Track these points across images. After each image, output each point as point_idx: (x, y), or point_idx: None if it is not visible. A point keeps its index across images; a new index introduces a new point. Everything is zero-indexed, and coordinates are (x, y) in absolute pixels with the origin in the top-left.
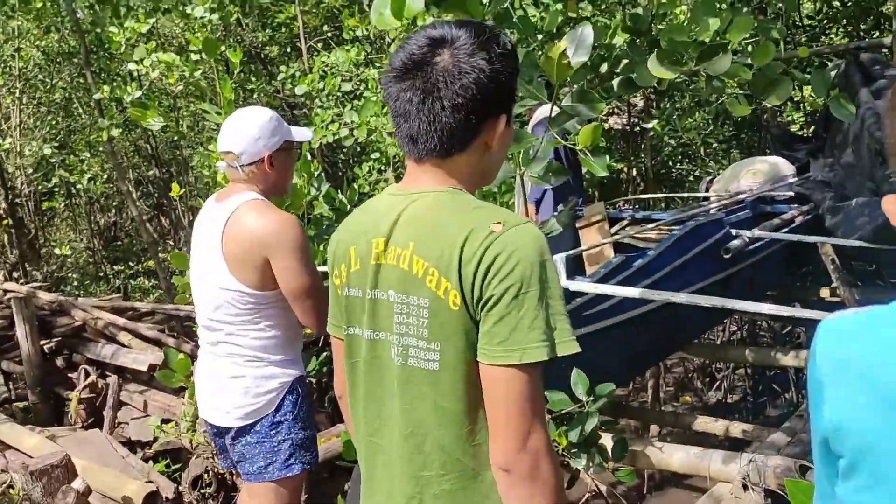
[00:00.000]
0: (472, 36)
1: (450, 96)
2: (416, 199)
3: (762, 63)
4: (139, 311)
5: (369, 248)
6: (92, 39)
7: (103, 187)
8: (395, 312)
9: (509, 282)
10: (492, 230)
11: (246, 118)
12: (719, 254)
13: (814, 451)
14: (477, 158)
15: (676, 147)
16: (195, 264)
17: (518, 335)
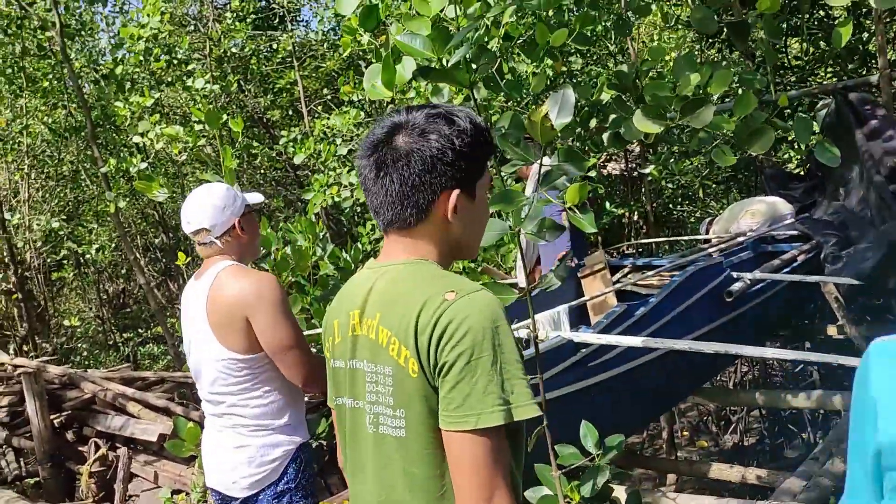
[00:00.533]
0: (424, 118)
1: (396, 171)
2: (385, 271)
3: (744, 114)
4: (148, 380)
5: (348, 320)
6: (98, 114)
7: (111, 256)
8: (367, 381)
9: (461, 348)
10: (445, 298)
11: (206, 194)
12: (722, 297)
13: (855, 468)
14: (437, 230)
15: (676, 189)
16: (187, 343)
17: (472, 401)
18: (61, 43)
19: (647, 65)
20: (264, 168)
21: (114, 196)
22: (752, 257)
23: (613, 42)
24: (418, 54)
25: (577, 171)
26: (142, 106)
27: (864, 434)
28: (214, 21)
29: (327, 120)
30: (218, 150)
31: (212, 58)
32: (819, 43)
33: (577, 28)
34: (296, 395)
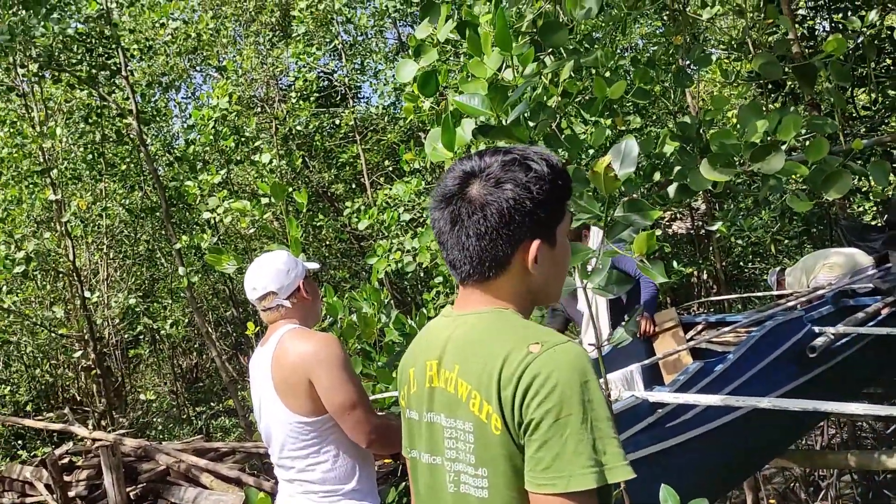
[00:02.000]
0: (500, 166)
1: (473, 225)
2: (464, 320)
3: (817, 159)
4: (220, 451)
5: (424, 370)
6: (172, 194)
7: (184, 331)
8: (446, 437)
9: (548, 405)
10: (529, 351)
11: (269, 260)
12: (804, 353)
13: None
14: (518, 280)
15: (746, 247)
16: (257, 409)
17: (562, 462)
18: (138, 129)
19: (711, 115)
20: (329, 240)
21: (186, 272)
22: (833, 312)
23: (673, 102)
24: (477, 113)
25: (644, 222)
26: (211, 183)
27: None
28: (280, 101)
29: (389, 189)
30: (284, 224)
31: (278, 136)
32: (888, 91)
33: (637, 82)
34: (365, 458)
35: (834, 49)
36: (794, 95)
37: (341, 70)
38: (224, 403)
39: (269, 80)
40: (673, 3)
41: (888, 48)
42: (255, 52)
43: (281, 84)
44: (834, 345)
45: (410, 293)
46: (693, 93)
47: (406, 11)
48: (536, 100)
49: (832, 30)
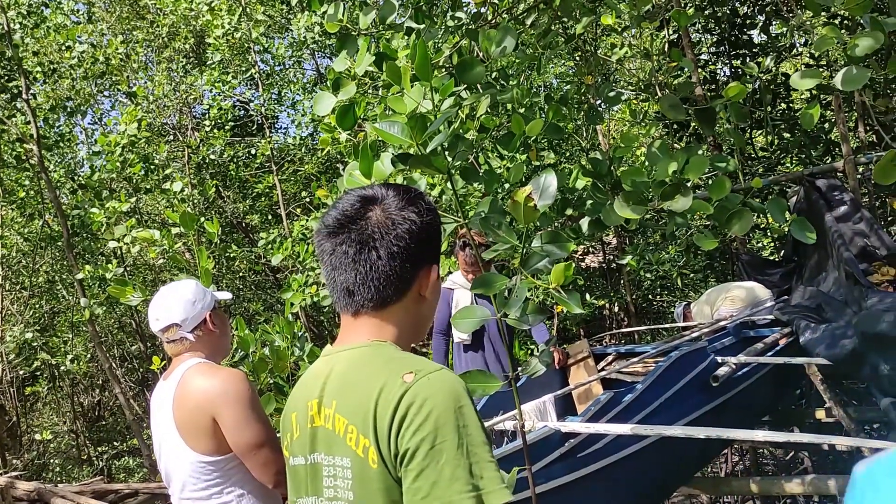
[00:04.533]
0: (399, 193)
1: (386, 245)
2: (342, 356)
3: (720, 197)
4: (121, 493)
5: (306, 411)
6: (75, 222)
7: (86, 367)
8: (325, 476)
9: (423, 433)
10: (404, 380)
11: (175, 290)
12: (708, 382)
13: None
14: (412, 307)
15: (654, 280)
16: (157, 447)
17: (439, 489)
18: (39, 154)
19: (620, 152)
20: (243, 272)
21: (87, 304)
22: (735, 342)
23: (585, 139)
24: (397, 141)
25: (561, 253)
26: (118, 211)
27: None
28: (193, 129)
29: (306, 221)
30: (195, 255)
31: (191, 165)
32: (783, 134)
33: (550, 117)
34: (271, 498)
35: (734, 94)
36: (697, 136)
37: (258, 99)
38: (128, 443)
39: (182, 108)
40: (584, 45)
41: (783, 93)
42: (167, 78)
43: (195, 112)
44: (736, 374)
45: (327, 326)
46: (604, 131)
47: (325, 43)
48: (454, 132)
49: (732, 75)
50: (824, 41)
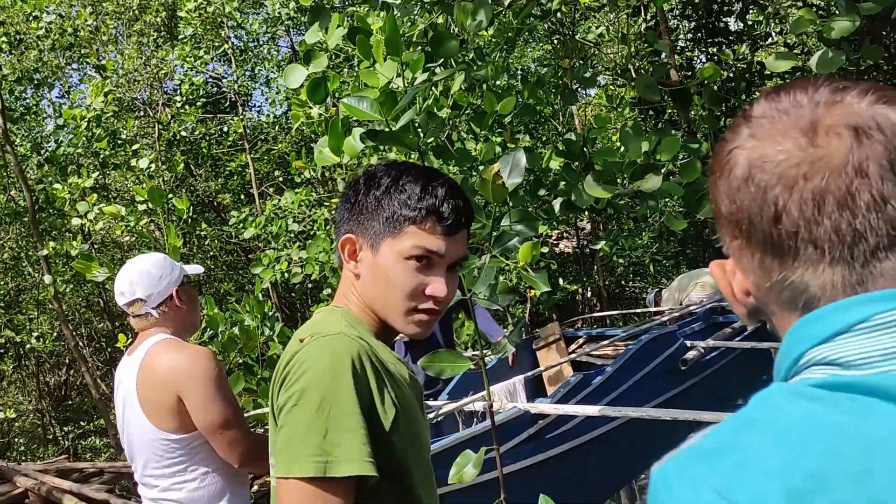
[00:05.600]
0: (385, 170)
1: (341, 209)
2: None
3: (691, 179)
4: (85, 472)
5: None
6: (42, 198)
7: (52, 345)
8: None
9: (292, 390)
10: (300, 341)
11: (141, 263)
12: (677, 366)
13: None
14: (348, 275)
15: (627, 266)
16: (120, 423)
17: (290, 446)
18: (3, 127)
19: (594, 133)
20: (214, 251)
21: (51, 280)
22: (704, 327)
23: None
24: (366, 116)
25: (530, 232)
26: (82, 187)
27: None
28: (164, 105)
29: (278, 200)
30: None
31: (161, 142)
32: None
33: (526, 97)
34: (237, 476)
35: (709, 76)
36: (672, 123)
37: (231, 76)
38: (95, 423)
39: (153, 83)
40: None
41: (758, 81)
42: (138, 52)
43: (166, 88)
44: (704, 358)
45: (299, 307)
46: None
47: (300, 20)
48: (427, 109)
49: (708, 62)
50: (800, 23)
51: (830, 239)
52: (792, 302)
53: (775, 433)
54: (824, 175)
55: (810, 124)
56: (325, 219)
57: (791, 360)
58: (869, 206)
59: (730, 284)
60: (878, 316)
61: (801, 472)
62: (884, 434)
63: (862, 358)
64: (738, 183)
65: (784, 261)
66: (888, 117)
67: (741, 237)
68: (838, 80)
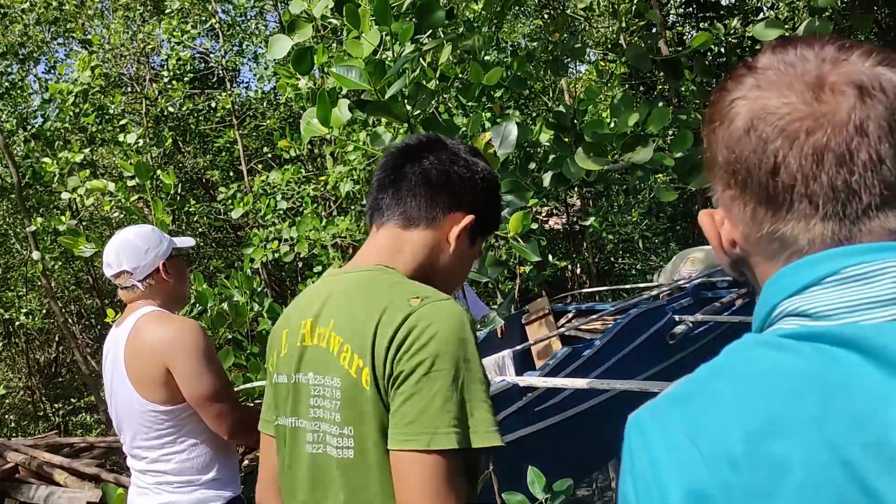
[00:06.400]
0: (471, 149)
1: (441, 163)
2: (347, 277)
3: (681, 151)
4: (76, 446)
5: (298, 329)
6: (30, 174)
7: (42, 322)
8: (312, 395)
9: (421, 356)
10: (410, 304)
11: (129, 235)
12: (665, 340)
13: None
14: (433, 245)
15: (617, 243)
16: (109, 396)
17: (427, 417)
18: None
19: (584, 105)
20: (203, 228)
21: (39, 256)
22: (692, 302)
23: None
24: (354, 86)
25: (520, 202)
26: (71, 162)
27: None
28: (151, 81)
29: (267, 177)
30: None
31: (148, 118)
32: None
33: (515, 69)
34: (226, 447)
35: (701, 43)
36: (665, 99)
37: (218, 51)
38: (85, 399)
39: (140, 58)
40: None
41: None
42: (124, 26)
43: (153, 63)
44: (692, 332)
45: (289, 284)
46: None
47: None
48: (416, 80)
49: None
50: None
51: (826, 194)
52: (778, 254)
53: (740, 379)
54: (826, 131)
55: (816, 79)
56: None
57: (766, 311)
58: (866, 164)
59: (718, 233)
60: (847, 269)
61: (761, 416)
62: (842, 381)
63: (829, 309)
64: (739, 133)
65: (777, 213)
66: (891, 79)
67: (735, 187)
68: (843, 40)
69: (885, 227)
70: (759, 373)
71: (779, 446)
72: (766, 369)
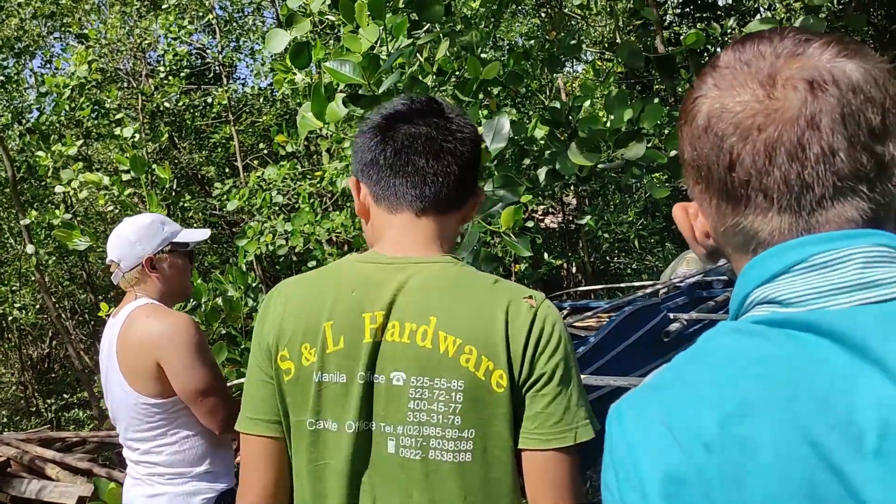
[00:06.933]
0: (453, 109)
1: (466, 146)
2: (418, 268)
3: (675, 148)
4: (68, 441)
5: (359, 322)
6: (24, 169)
7: (35, 317)
8: (411, 398)
9: (557, 357)
10: (529, 304)
11: (126, 225)
12: (660, 338)
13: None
14: (457, 224)
15: (613, 242)
16: (105, 388)
17: (570, 415)
18: None
19: (579, 101)
20: (198, 223)
21: (33, 250)
22: (687, 301)
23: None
24: (349, 80)
25: (513, 198)
26: (65, 155)
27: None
28: (147, 76)
29: (262, 173)
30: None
31: (144, 113)
32: None
33: (511, 65)
34: (220, 439)
35: (693, 42)
36: (661, 98)
37: (215, 47)
38: (78, 395)
39: (137, 53)
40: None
41: None
42: (121, 21)
43: (149, 58)
44: (687, 330)
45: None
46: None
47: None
48: (411, 75)
49: None
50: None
51: (779, 188)
52: (744, 245)
53: (714, 366)
54: (777, 126)
55: (768, 76)
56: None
57: (739, 299)
58: (818, 157)
59: (691, 226)
60: (814, 257)
61: (733, 400)
62: (809, 365)
63: (797, 296)
64: (699, 131)
65: (737, 207)
66: (844, 71)
67: (701, 182)
68: (803, 33)
69: (843, 216)
70: (731, 358)
71: (748, 428)
72: (738, 355)
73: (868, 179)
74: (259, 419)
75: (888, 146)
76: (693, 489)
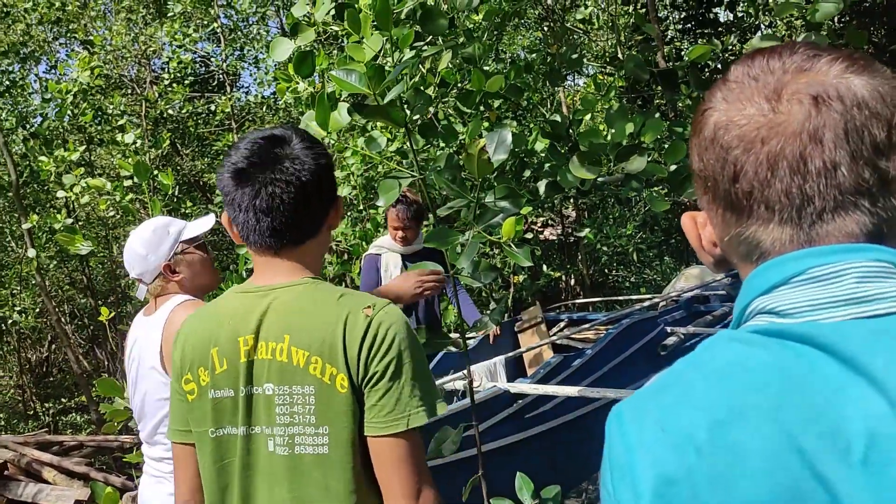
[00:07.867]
0: (296, 132)
1: (302, 184)
2: (278, 293)
3: (674, 161)
4: (65, 445)
5: (236, 346)
6: (27, 173)
7: (35, 321)
8: (277, 404)
9: (389, 357)
10: (365, 314)
11: (133, 240)
12: (657, 351)
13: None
14: (321, 243)
15: (612, 255)
16: (132, 385)
17: (402, 405)
18: None
19: (580, 114)
20: None
21: (34, 254)
22: (685, 315)
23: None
24: (354, 89)
25: (514, 209)
26: (67, 160)
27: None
28: (151, 83)
29: None
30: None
31: (148, 119)
32: None
33: (512, 77)
34: None
35: (699, 56)
36: (661, 112)
37: (219, 55)
38: (76, 399)
39: (141, 60)
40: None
41: None
42: (126, 28)
43: (153, 65)
44: (684, 344)
45: None
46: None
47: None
48: (415, 86)
49: None
50: (786, 6)
51: (780, 200)
52: (748, 255)
53: (710, 372)
54: (780, 140)
55: (774, 91)
56: None
57: (741, 308)
58: (819, 171)
59: (699, 235)
60: (811, 270)
61: (725, 406)
62: (801, 375)
63: (794, 307)
64: (706, 143)
65: (740, 217)
66: (850, 87)
67: (709, 192)
68: (813, 48)
69: (843, 229)
70: (727, 366)
71: (738, 434)
72: (734, 363)
73: (870, 194)
74: (179, 429)
75: (893, 161)
76: (683, 490)
